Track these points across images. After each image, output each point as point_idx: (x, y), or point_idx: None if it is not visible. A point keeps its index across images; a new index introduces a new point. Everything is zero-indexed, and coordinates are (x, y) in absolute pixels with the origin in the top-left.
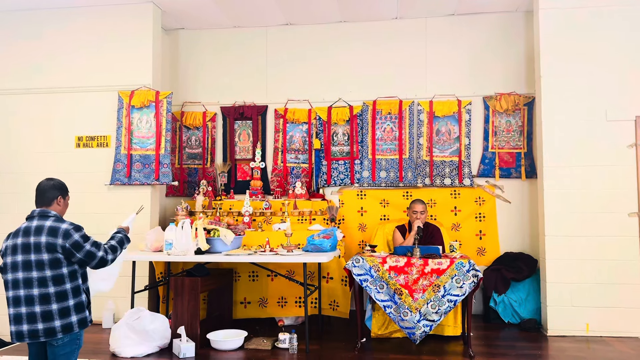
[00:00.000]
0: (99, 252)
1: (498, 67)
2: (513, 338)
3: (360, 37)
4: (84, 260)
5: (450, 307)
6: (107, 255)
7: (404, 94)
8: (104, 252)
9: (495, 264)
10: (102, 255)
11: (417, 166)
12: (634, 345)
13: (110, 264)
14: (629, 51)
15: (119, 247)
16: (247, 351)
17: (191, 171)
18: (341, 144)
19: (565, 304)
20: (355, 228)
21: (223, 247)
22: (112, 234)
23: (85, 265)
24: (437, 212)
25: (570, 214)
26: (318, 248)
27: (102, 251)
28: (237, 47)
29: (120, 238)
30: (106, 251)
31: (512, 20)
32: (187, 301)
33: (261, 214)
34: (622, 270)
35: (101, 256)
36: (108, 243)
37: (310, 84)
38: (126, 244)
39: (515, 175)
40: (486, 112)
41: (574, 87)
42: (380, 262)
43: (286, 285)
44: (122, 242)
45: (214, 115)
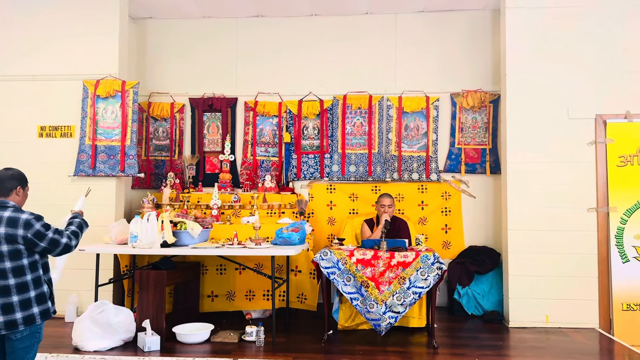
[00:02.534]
0: (62, 238)
1: (465, 64)
2: (476, 329)
3: (331, 31)
4: (48, 248)
5: (415, 299)
6: (71, 241)
7: (373, 89)
8: (68, 239)
9: (459, 257)
10: (66, 241)
11: (385, 161)
12: (590, 335)
13: (74, 249)
14: (590, 52)
15: (80, 231)
16: (214, 344)
17: (158, 163)
18: (311, 137)
19: (526, 296)
20: (324, 221)
21: (190, 240)
22: (68, 220)
23: (49, 253)
24: (405, 207)
25: (532, 209)
26: (286, 241)
27: (65, 238)
28: (206, 37)
29: (79, 223)
30: (69, 237)
31: (480, 19)
32: (153, 294)
33: (230, 207)
34: (581, 264)
35: (65, 242)
36: (68, 229)
37: (281, 77)
38: (85, 228)
39: (480, 170)
40: (453, 108)
41: (538, 86)
42: (348, 255)
43: (254, 278)
44: (82, 226)
45: (182, 107)
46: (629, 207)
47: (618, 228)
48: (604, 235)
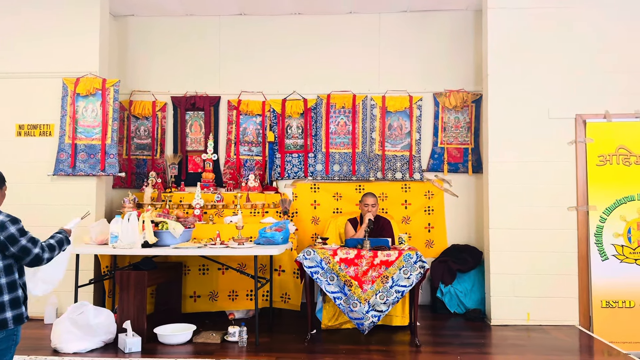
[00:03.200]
0: (35, 248)
1: (448, 64)
2: (458, 327)
3: (315, 30)
4: (17, 255)
5: (398, 297)
6: (43, 254)
7: (357, 88)
8: (41, 250)
9: (442, 255)
10: (37, 252)
11: (369, 160)
12: (570, 332)
13: (45, 264)
14: (571, 52)
15: (58, 247)
16: (196, 345)
17: (139, 162)
18: (295, 137)
19: (508, 294)
20: (308, 221)
21: (172, 240)
22: (52, 234)
23: (18, 260)
24: (388, 206)
25: (513, 207)
26: (270, 241)
27: (38, 248)
28: (189, 35)
29: (60, 238)
30: (43, 249)
31: (463, 19)
32: (134, 295)
33: (213, 207)
34: (561, 262)
35: (37, 253)
36: (47, 241)
37: (265, 76)
38: (66, 246)
39: (462, 170)
40: (436, 108)
41: (519, 86)
42: (331, 254)
43: (237, 278)
44: (62, 243)
45: (164, 105)
46: (608, 206)
47: (597, 226)
48: (584, 234)
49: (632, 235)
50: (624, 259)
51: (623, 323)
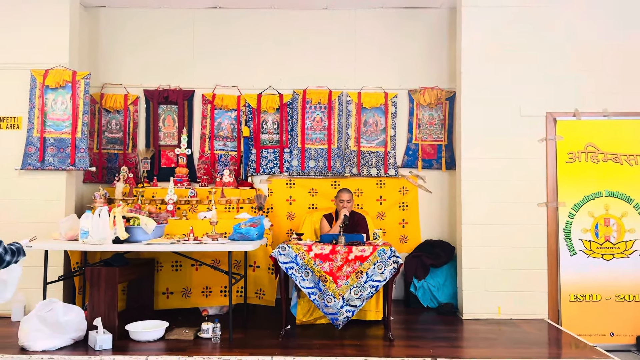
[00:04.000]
0: None
1: (423, 61)
2: (431, 322)
3: (291, 25)
4: None
5: (372, 292)
6: (5, 255)
7: (333, 84)
8: (3, 250)
9: (416, 250)
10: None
11: (345, 156)
12: (540, 326)
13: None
14: (542, 51)
15: (17, 253)
16: (169, 342)
17: (111, 157)
18: (271, 132)
19: (479, 288)
20: (283, 216)
21: (144, 236)
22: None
23: None
24: (364, 201)
25: (485, 203)
26: (244, 237)
27: (1, 248)
28: (162, 28)
29: (18, 248)
30: (5, 250)
31: (437, 17)
32: (105, 292)
33: (186, 202)
34: (531, 257)
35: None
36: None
37: (240, 70)
38: (22, 257)
39: (436, 166)
40: (411, 105)
41: (491, 84)
42: (306, 249)
43: (211, 274)
44: (20, 251)
45: (137, 99)
46: (576, 202)
47: (566, 222)
48: (553, 229)
49: (599, 231)
50: (591, 253)
51: (590, 316)
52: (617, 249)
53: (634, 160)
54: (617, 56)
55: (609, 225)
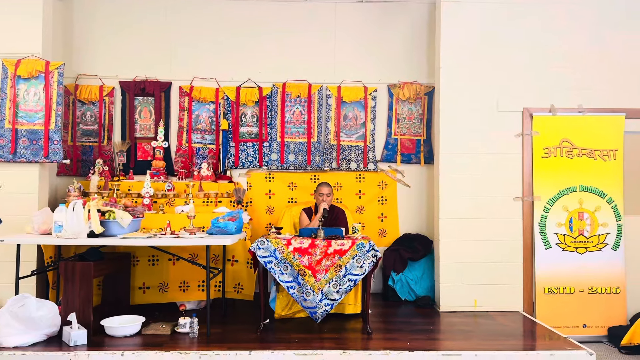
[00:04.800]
0: None
1: (402, 56)
2: (409, 314)
3: (271, 17)
4: None
5: (350, 286)
6: None
7: (313, 78)
8: None
9: (394, 244)
10: None
11: (324, 150)
12: (515, 318)
13: None
14: (520, 48)
15: None
16: (145, 337)
17: (86, 149)
18: (250, 125)
19: (456, 281)
20: (262, 210)
21: (119, 229)
22: None
23: None
24: (343, 195)
25: (462, 197)
26: (223, 231)
27: None
28: (139, 18)
29: None
30: None
31: (417, 12)
32: (79, 287)
33: (163, 196)
34: (507, 250)
35: None
36: None
37: (218, 63)
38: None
39: (415, 160)
40: (390, 99)
41: (470, 79)
42: (285, 243)
43: (188, 269)
44: None
45: (112, 90)
46: (551, 197)
47: (542, 216)
48: (529, 223)
49: (574, 225)
50: (565, 247)
51: (563, 308)
52: (591, 242)
53: (608, 156)
54: (592, 53)
55: (583, 219)
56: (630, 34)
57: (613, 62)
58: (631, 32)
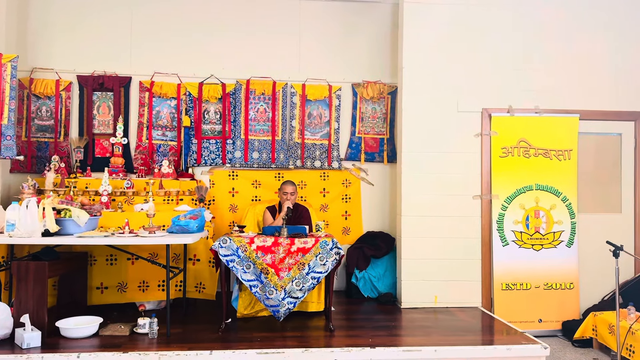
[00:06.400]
0: None
1: (367, 55)
2: (371, 311)
3: (234, 13)
4: None
5: (313, 284)
6: None
7: (278, 75)
8: None
9: (358, 242)
10: None
11: (289, 148)
12: (474, 314)
13: None
14: (479, 49)
15: None
16: (102, 338)
17: (41, 145)
18: (213, 122)
19: (417, 278)
20: (226, 209)
21: (76, 228)
22: None
23: None
24: (307, 194)
25: (424, 196)
26: (184, 229)
27: None
28: (97, 11)
29: None
30: None
31: (381, 12)
32: (33, 287)
33: (122, 194)
34: (466, 247)
35: None
36: None
37: (180, 58)
38: None
39: (378, 159)
40: (354, 98)
41: (431, 79)
42: (248, 242)
43: (148, 268)
44: None
45: (69, 85)
46: (509, 195)
47: (499, 214)
48: (487, 221)
49: (530, 223)
50: (522, 244)
51: (520, 304)
52: (546, 239)
53: (563, 156)
54: (548, 56)
55: (539, 217)
56: (585, 38)
57: (568, 64)
58: (587, 37)
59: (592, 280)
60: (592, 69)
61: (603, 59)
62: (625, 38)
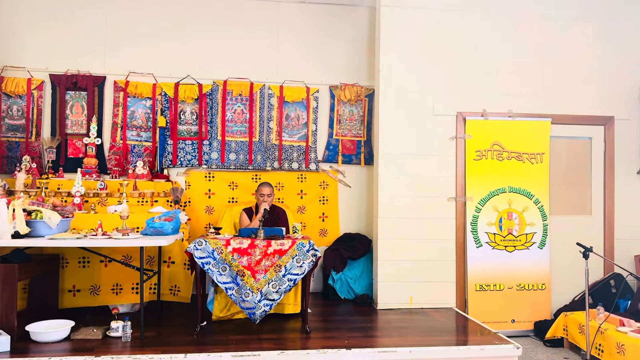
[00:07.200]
0: None
1: (344, 58)
2: (347, 313)
3: (213, 13)
4: None
5: (290, 286)
6: None
7: (255, 76)
8: None
9: (335, 244)
10: None
11: (266, 149)
12: (448, 314)
13: None
14: (454, 54)
15: None
16: (74, 342)
17: (12, 145)
18: (189, 123)
19: (393, 279)
20: (202, 210)
21: (47, 230)
22: None
23: None
24: (285, 195)
25: (400, 198)
26: (158, 231)
27: None
28: (71, 8)
29: None
30: None
31: (359, 15)
32: (1, 290)
33: (95, 195)
34: (441, 249)
35: None
36: None
37: (156, 57)
38: None
39: (355, 161)
40: (332, 100)
41: (408, 83)
42: (224, 244)
43: (122, 271)
44: None
45: (42, 83)
46: (482, 197)
47: (473, 216)
48: (462, 223)
49: (503, 224)
50: (495, 245)
51: (493, 304)
52: (519, 241)
53: (535, 159)
54: (521, 61)
55: (512, 219)
56: (558, 45)
57: (541, 70)
58: (559, 44)
59: (563, 281)
60: (564, 74)
61: (575, 65)
62: (597, 46)
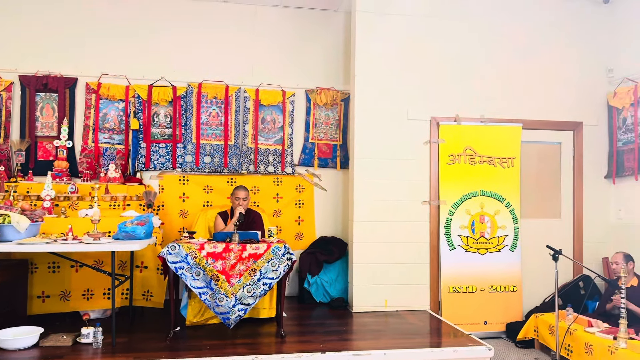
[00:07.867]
0: None
1: (320, 62)
2: (323, 316)
3: (188, 15)
4: None
5: (265, 290)
6: None
7: (230, 79)
8: None
9: (310, 247)
10: None
11: (242, 153)
12: (422, 317)
13: None
14: (428, 59)
15: None
16: (43, 349)
17: None
18: (163, 125)
19: (368, 282)
20: (176, 214)
21: (15, 235)
22: None
23: None
24: (260, 199)
25: (375, 201)
26: (130, 235)
27: None
28: (41, 8)
29: None
30: None
31: (334, 19)
32: None
33: (66, 199)
34: (416, 252)
35: None
36: None
37: (129, 59)
38: None
39: (331, 165)
40: (308, 104)
41: (382, 88)
42: (198, 248)
43: (93, 276)
44: None
45: (10, 85)
46: (455, 201)
47: (447, 219)
48: (435, 226)
49: (475, 227)
50: (468, 248)
51: (466, 306)
52: (491, 244)
53: (506, 163)
54: (493, 68)
55: (484, 222)
56: (529, 52)
57: (512, 76)
58: (530, 51)
59: (534, 282)
60: (534, 80)
61: (545, 71)
62: (566, 53)
